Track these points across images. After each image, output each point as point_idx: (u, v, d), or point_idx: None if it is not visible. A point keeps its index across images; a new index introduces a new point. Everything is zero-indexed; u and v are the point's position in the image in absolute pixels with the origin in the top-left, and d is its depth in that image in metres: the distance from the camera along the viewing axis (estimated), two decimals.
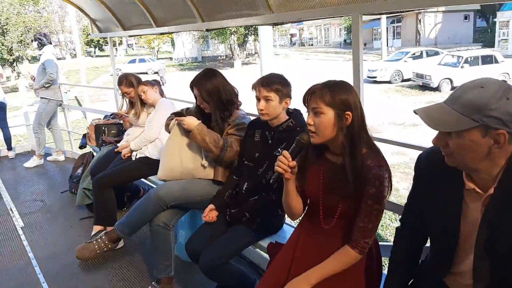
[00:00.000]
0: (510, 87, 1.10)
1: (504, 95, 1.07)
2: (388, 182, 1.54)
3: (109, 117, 4.38)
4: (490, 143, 1.10)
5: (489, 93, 1.08)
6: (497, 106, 1.06)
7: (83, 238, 3.25)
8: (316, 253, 1.65)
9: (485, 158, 1.13)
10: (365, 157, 1.54)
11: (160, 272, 2.60)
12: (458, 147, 1.14)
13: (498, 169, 1.15)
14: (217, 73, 2.55)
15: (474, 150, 1.12)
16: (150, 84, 3.48)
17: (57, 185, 4.87)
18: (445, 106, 1.15)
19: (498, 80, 1.13)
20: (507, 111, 1.06)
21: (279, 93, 2.08)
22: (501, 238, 1.17)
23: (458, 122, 1.10)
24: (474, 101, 1.09)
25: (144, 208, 2.58)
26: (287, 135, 2.09)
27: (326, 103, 1.53)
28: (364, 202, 1.53)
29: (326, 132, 1.55)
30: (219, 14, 3.16)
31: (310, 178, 1.70)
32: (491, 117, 1.06)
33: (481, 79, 1.14)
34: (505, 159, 1.14)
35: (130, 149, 3.44)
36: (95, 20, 4.92)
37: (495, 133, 1.08)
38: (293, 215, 1.79)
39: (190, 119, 2.45)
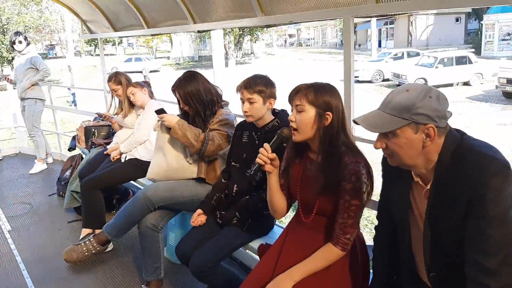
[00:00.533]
0: (430, 88, 1.25)
1: (426, 94, 1.22)
2: (367, 178, 1.59)
3: (99, 119, 4.34)
4: (423, 138, 1.23)
5: (414, 95, 1.23)
6: (422, 104, 1.20)
7: (72, 242, 3.20)
8: (300, 250, 1.69)
9: (420, 153, 1.26)
10: (343, 155, 1.61)
11: (149, 274, 2.57)
12: (396, 146, 1.27)
13: (432, 164, 1.27)
14: (197, 76, 2.59)
15: (410, 146, 1.25)
16: (139, 85, 3.45)
17: (44, 188, 4.80)
18: (379, 111, 1.29)
19: (421, 84, 1.30)
20: (431, 107, 1.21)
21: (262, 95, 2.11)
22: (443, 230, 1.27)
23: (391, 123, 1.24)
24: (402, 103, 1.23)
25: (131, 209, 2.56)
26: (273, 135, 2.10)
27: (309, 102, 1.61)
28: (342, 198, 1.59)
29: (306, 130, 1.62)
30: (211, 15, 3.16)
31: (292, 176, 1.78)
32: (419, 114, 1.21)
33: (406, 84, 1.30)
34: (436, 154, 1.26)
35: (119, 151, 3.41)
36: (86, 21, 4.88)
37: (425, 128, 1.22)
38: (275, 212, 1.84)
39: (170, 116, 2.47)
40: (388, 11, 2.07)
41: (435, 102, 1.21)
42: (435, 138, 1.22)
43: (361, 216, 1.65)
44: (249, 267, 2.72)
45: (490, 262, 1.14)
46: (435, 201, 1.28)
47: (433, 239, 1.31)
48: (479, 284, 1.16)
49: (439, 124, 1.21)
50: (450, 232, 1.24)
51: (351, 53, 2.21)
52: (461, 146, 1.23)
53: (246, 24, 2.91)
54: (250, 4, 2.68)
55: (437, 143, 1.24)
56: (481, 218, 1.15)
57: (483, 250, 1.15)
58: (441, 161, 1.25)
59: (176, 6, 3.25)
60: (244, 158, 2.26)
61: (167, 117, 2.46)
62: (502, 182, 1.13)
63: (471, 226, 1.18)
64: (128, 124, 3.59)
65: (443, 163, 1.25)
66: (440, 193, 1.26)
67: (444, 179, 1.24)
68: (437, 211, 1.27)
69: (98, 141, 3.98)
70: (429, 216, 1.30)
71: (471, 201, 1.16)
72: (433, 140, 1.23)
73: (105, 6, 4.18)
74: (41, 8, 29.53)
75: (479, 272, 1.16)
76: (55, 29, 31.80)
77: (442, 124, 1.23)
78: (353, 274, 1.67)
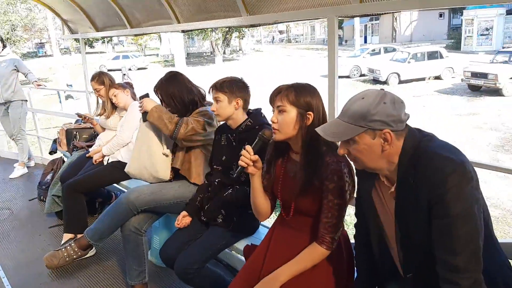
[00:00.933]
0: (385, 94, 1.27)
1: (380, 101, 1.25)
2: (349, 177, 1.61)
3: (81, 121, 4.26)
4: (381, 142, 1.26)
5: (368, 102, 1.26)
6: (376, 111, 1.24)
7: (53, 247, 3.13)
8: (286, 250, 1.69)
9: (381, 157, 1.29)
10: (324, 154, 1.62)
11: (133, 278, 2.53)
12: (357, 152, 1.31)
13: (394, 166, 1.31)
14: (179, 76, 2.59)
15: (369, 152, 1.29)
16: (121, 87, 3.40)
17: (25, 193, 4.68)
18: (338, 120, 1.33)
19: (376, 90, 1.31)
20: (386, 113, 1.24)
21: (227, 94, 2.14)
22: (413, 232, 1.29)
23: (348, 131, 1.28)
24: (358, 111, 1.27)
25: (114, 213, 2.52)
26: (247, 134, 2.14)
27: (290, 102, 1.62)
28: (325, 198, 1.60)
29: (288, 130, 1.63)
30: (196, 15, 3.14)
31: (276, 178, 1.78)
32: (374, 121, 1.24)
33: (362, 92, 1.33)
34: (397, 156, 1.29)
35: (102, 154, 3.34)
36: (67, 21, 4.80)
37: (381, 133, 1.25)
38: (259, 215, 1.83)
39: (149, 100, 2.47)
40: (372, 10, 2.09)
41: (389, 108, 1.24)
42: (392, 141, 1.26)
43: (344, 215, 1.66)
44: (235, 268, 2.70)
45: (458, 260, 1.16)
46: (400, 203, 1.31)
47: (406, 240, 1.33)
48: (450, 282, 1.18)
49: (395, 128, 1.25)
50: (420, 232, 1.26)
51: (335, 52, 2.22)
52: (418, 148, 1.26)
53: (231, 23, 2.90)
54: (235, 4, 2.67)
55: (396, 146, 1.28)
56: (444, 217, 1.17)
57: (450, 248, 1.17)
58: (401, 163, 1.28)
59: (160, 6, 3.22)
60: (223, 160, 2.27)
61: (146, 100, 2.46)
62: (459, 180, 1.15)
63: (435, 226, 1.20)
64: (110, 126, 3.53)
65: (403, 165, 1.28)
66: (404, 194, 1.29)
67: (405, 181, 1.27)
68: (404, 212, 1.30)
69: (80, 144, 3.90)
70: (398, 218, 1.33)
71: (432, 202, 1.18)
72: (391, 144, 1.26)
73: (87, 5, 4.11)
74: (30, 6, 29.13)
75: (449, 271, 1.18)
76: (44, 27, 31.33)
77: (399, 127, 1.26)
78: (338, 271, 1.68)
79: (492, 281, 1.22)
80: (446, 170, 1.16)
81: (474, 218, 1.16)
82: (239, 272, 1.85)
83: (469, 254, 1.16)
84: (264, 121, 2.20)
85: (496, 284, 1.26)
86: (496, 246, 1.34)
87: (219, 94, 2.15)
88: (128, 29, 3.85)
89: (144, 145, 2.61)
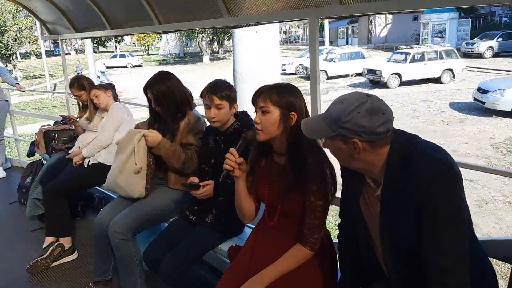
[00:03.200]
0: (364, 103, 1.24)
1: (355, 109, 1.23)
2: (330, 178, 1.62)
3: (60, 122, 4.18)
4: (351, 149, 1.27)
5: (344, 108, 1.25)
6: (347, 119, 1.23)
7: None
8: (269, 251, 1.70)
9: (354, 161, 1.30)
10: (307, 156, 1.62)
11: (98, 275, 2.62)
12: (332, 151, 1.34)
13: (378, 169, 1.30)
14: (170, 76, 2.54)
15: (340, 154, 1.32)
16: (103, 88, 3.35)
17: (5, 196, 4.57)
18: (319, 117, 1.34)
19: (360, 95, 1.28)
20: (356, 123, 1.22)
21: (229, 100, 2.11)
22: (399, 234, 1.29)
23: (322, 131, 1.30)
24: (334, 114, 1.27)
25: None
26: (235, 137, 2.10)
27: (273, 103, 1.62)
28: (308, 199, 1.61)
29: (272, 130, 1.63)
30: (177, 16, 3.12)
31: (260, 180, 1.78)
32: (344, 128, 1.24)
33: (346, 94, 1.32)
34: (382, 161, 1.28)
35: (82, 156, 3.28)
36: (46, 22, 4.71)
37: (351, 141, 1.25)
38: (244, 217, 1.84)
39: (155, 135, 2.41)
40: (352, 12, 2.12)
41: (362, 118, 1.22)
42: (362, 151, 1.25)
43: (327, 215, 1.67)
44: (219, 270, 2.70)
45: (447, 261, 1.17)
46: (387, 206, 1.31)
47: (391, 241, 1.33)
48: (438, 283, 1.19)
49: (366, 139, 1.23)
50: (406, 235, 1.26)
51: (317, 53, 2.24)
52: (407, 151, 1.25)
53: (212, 25, 2.90)
54: (216, 5, 2.66)
55: (375, 153, 1.27)
56: (433, 218, 1.17)
57: (438, 249, 1.18)
58: (390, 168, 1.27)
59: (140, 6, 3.19)
60: (213, 163, 2.25)
61: (152, 136, 2.40)
62: (448, 181, 1.16)
63: (424, 227, 1.20)
64: (91, 127, 3.48)
65: (391, 169, 1.27)
66: (391, 198, 1.28)
67: (393, 184, 1.26)
68: (390, 215, 1.30)
69: (59, 146, 3.81)
70: (384, 219, 1.33)
71: (421, 203, 1.18)
72: (361, 152, 1.26)
73: (65, 6, 4.04)
74: None
75: (437, 272, 1.19)
76: None
77: (372, 138, 1.23)
78: (322, 272, 1.70)
79: (475, 280, 1.23)
80: (435, 172, 1.16)
81: (461, 219, 1.18)
82: (225, 273, 1.85)
83: (457, 255, 1.17)
84: (252, 123, 2.17)
85: (479, 283, 1.28)
86: (478, 245, 1.36)
87: (223, 101, 2.08)
88: (107, 30, 3.80)
89: (119, 164, 2.52)
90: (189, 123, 2.48)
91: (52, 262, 2.98)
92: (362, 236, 1.47)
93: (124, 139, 2.54)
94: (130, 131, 2.57)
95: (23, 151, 5.79)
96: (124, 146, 2.51)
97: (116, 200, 2.63)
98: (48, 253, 2.95)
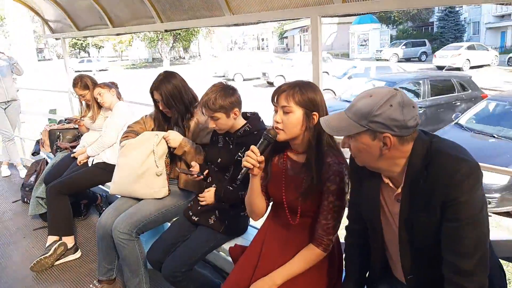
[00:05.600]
0: (394, 96, 1.21)
1: (387, 103, 1.19)
2: (348, 179, 1.59)
3: (64, 121, 4.19)
4: (380, 145, 1.22)
5: (374, 102, 1.21)
6: (380, 112, 1.19)
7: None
8: (281, 250, 1.68)
9: (380, 158, 1.25)
10: (326, 155, 1.59)
11: (101, 274, 2.61)
12: (355, 149, 1.28)
13: (400, 168, 1.27)
14: (176, 75, 2.51)
15: (367, 152, 1.26)
16: (107, 86, 3.34)
17: (8, 194, 4.60)
18: (343, 113, 1.28)
19: (388, 89, 1.24)
20: (388, 117, 1.18)
21: (223, 111, 2.03)
22: (417, 234, 1.27)
23: (349, 127, 1.25)
24: (362, 109, 1.22)
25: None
26: (245, 139, 2.09)
27: (296, 102, 1.57)
28: (326, 199, 1.58)
29: (294, 130, 1.59)
30: (179, 15, 3.11)
31: (273, 177, 1.73)
32: (375, 122, 1.20)
33: (373, 88, 1.28)
34: (404, 159, 1.25)
35: (86, 155, 3.30)
36: (48, 21, 4.71)
37: (382, 136, 1.21)
38: (255, 214, 1.80)
39: (176, 135, 2.41)
40: (354, 10, 2.11)
41: (395, 111, 1.18)
42: (393, 146, 1.22)
43: (342, 217, 1.63)
44: (223, 270, 2.70)
45: (467, 264, 1.16)
46: (408, 205, 1.27)
47: (410, 242, 1.31)
48: (457, 285, 1.18)
49: (397, 133, 1.20)
50: (427, 235, 1.25)
51: (319, 51, 2.24)
52: (430, 150, 1.22)
53: (214, 23, 2.89)
54: (218, 4, 2.66)
55: (400, 150, 1.24)
56: (456, 220, 1.16)
57: (459, 252, 1.17)
58: (412, 166, 1.24)
59: (142, 5, 3.19)
60: (219, 162, 2.23)
61: (172, 136, 2.40)
62: (474, 183, 1.14)
63: (446, 228, 1.19)
64: (95, 127, 3.49)
65: (414, 168, 1.24)
66: (413, 197, 1.25)
67: (415, 183, 1.24)
68: (411, 215, 1.27)
69: (64, 144, 3.84)
70: (404, 219, 1.30)
71: (445, 204, 1.17)
72: (391, 149, 1.22)
73: (68, 5, 4.04)
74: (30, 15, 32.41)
75: (456, 274, 1.18)
76: None
77: (403, 133, 1.21)
78: (329, 272, 1.68)
79: (490, 281, 1.22)
80: (462, 172, 1.14)
81: (483, 222, 1.16)
82: (231, 273, 1.83)
83: (478, 258, 1.16)
84: (263, 127, 2.13)
85: (493, 285, 1.27)
86: (491, 246, 1.34)
87: (215, 114, 2.03)
88: (110, 29, 3.80)
89: (133, 169, 2.49)
90: (198, 123, 2.47)
91: (55, 260, 2.99)
92: (377, 238, 1.44)
93: (137, 141, 2.51)
94: (146, 133, 2.54)
95: None
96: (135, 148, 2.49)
97: (120, 200, 2.62)
98: (51, 251, 2.96)
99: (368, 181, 1.40)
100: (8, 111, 5.02)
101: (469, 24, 35.67)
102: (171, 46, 37.25)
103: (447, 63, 21.54)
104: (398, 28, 37.71)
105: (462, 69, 21.91)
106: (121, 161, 2.58)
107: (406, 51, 29.34)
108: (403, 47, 29.58)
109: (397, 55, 28.83)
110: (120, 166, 2.59)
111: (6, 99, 4.93)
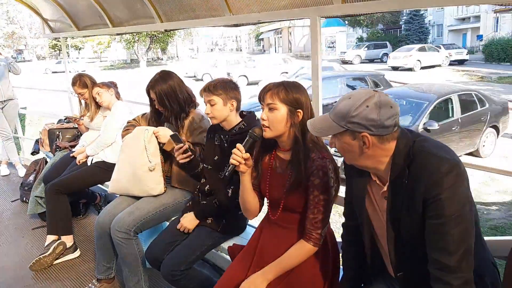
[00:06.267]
0: (372, 97, 1.25)
1: (364, 103, 1.24)
2: (333, 173, 1.63)
3: (64, 121, 4.19)
4: (360, 144, 1.27)
5: (351, 103, 1.26)
6: (357, 113, 1.24)
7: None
8: (273, 248, 1.72)
9: (362, 157, 1.30)
10: (311, 150, 1.65)
11: (100, 272, 2.60)
12: (340, 149, 1.34)
13: (384, 166, 1.31)
14: (172, 75, 2.53)
15: (350, 151, 1.31)
16: (105, 85, 3.35)
17: (7, 194, 4.60)
18: (327, 115, 1.34)
19: (367, 91, 1.30)
20: (365, 117, 1.23)
21: (221, 96, 2.08)
22: (403, 231, 1.31)
23: (331, 128, 1.30)
24: (341, 110, 1.27)
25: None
26: (240, 137, 2.09)
27: (281, 100, 1.64)
28: (311, 193, 1.62)
29: (279, 127, 1.65)
30: (179, 15, 3.12)
31: (263, 176, 1.80)
32: (353, 122, 1.25)
33: (353, 91, 1.33)
34: (388, 157, 1.29)
35: (86, 154, 3.30)
36: (48, 20, 4.71)
37: (360, 136, 1.25)
38: (248, 212, 1.85)
39: (165, 131, 2.42)
40: (353, 11, 2.11)
41: (371, 112, 1.23)
42: (372, 145, 1.26)
43: (330, 211, 1.68)
44: (221, 269, 2.71)
45: (451, 260, 1.17)
46: (393, 203, 1.31)
47: (398, 239, 1.34)
48: (442, 281, 1.20)
49: (375, 132, 1.24)
50: (412, 232, 1.27)
51: (319, 51, 2.24)
52: (412, 149, 1.25)
53: (214, 23, 2.90)
54: (218, 4, 2.67)
55: (382, 149, 1.27)
56: (438, 217, 1.18)
57: (442, 248, 1.19)
58: (395, 164, 1.28)
59: (142, 5, 3.19)
60: (215, 160, 2.24)
61: (162, 131, 2.43)
62: (455, 180, 1.17)
63: (429, 226, 1.21)
64: (94, 126, 3.49)
65: (397, 165, 1.27)
66: (397, 195, 1.29)
67: (399, 181, 1.27)
68: (396, 212, 1.31)
69: (63, 144, 3.84)
70: (390, 217, 1.33)
71: (426, 202, 1.19)
72: (371, 147, 1.26)
73: (68, 4, 4.04)
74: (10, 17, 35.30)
75: (441, 270, 1.20)
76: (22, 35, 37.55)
77: (380, 132, 1.24)
78: (324, 270, 1.70)
79: (480, 278, 1.23)
80: (442, 170, 1.17)
81: (467, 218, 1.18)
82: (226, 270, 1.86)
83: (462, 254, 1.17)
84: (258, 125, 2.16)
85: (484, 282, 1.29)
86: (483, 244, 1.37)
87: (213, 96, 2.08)
88: (109, 28, 3.80)
89: (130, 168, 2.51)
90: (193, 122, 2.48)
91: (54, 259, 2.99)
92: (367, 234, 1.48)
93: (131, 137, 2.53)
94: (138, 129, 2.56)
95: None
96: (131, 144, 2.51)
97: (118, 199, 2.63)
98: (50, 251, 2.97)
99: (358, 178, 1.46)
100: (5, 110, 5.05)
101: (433, 26, 38.02)
102: (147, 48, 37.82)
103: (400, 63, 23.93)
104: (369, 31, 39.29)
105: (413, 69, 23.67)
106: (120, 158, 2.61)
107: (368, 53, 30.75)
108: (365, 49, 31.01)
109: (360, 57, 30.21)
110: (119, 163, 2.61)
111: (3, 99, 4.96)
